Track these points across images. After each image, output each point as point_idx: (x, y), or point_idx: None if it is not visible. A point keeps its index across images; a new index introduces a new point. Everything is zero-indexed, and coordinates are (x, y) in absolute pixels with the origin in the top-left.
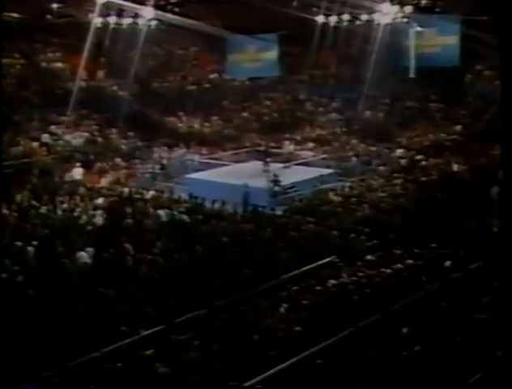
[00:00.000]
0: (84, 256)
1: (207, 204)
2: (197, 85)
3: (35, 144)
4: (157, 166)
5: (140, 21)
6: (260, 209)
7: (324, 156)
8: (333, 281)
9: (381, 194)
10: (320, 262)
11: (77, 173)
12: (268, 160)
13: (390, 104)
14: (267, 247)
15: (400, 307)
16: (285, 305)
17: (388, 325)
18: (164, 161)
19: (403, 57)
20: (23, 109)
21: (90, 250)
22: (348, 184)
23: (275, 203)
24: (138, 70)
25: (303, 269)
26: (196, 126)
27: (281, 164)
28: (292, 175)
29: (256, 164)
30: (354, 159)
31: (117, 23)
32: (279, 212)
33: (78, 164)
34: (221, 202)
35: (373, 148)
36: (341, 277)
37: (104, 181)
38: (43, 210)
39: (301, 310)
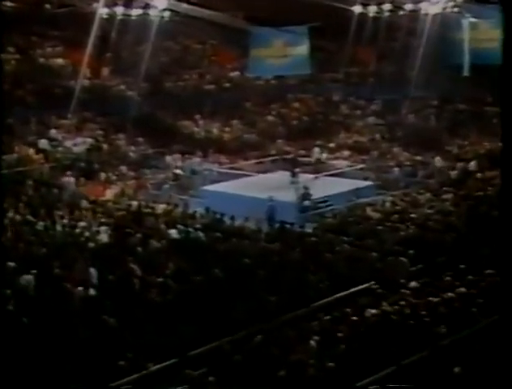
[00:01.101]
0: (86, 278)
1: (227, 220)
2: (215, 84)
3: (31, 151)
4: (170, 176)
5: (151, 12)
6: (287, 226)
7: (361, 166)
8: (372, 311)
9: (428, 211)
10: (356, 289)
11: (78, 183)
12: (297, 170)
13: (439, 106)
14: (296, 270)
15: (450, 343)
16: (316, 337)
17: (436, 363)
18: (178, 171)
19: (455, 53)
20: (17, 111)
21: (93, 271)
22: (389, 198)
23: (304, 220)
24: (149, 67)
25: (337, 296)
26: (214, 130)
27: (312, 175)
28: (325, 187)
29: (283, 175)
30: (396, 170)
31: (124, 14)
32: (309, 230)
33: (80, 173)
34: (243, 217)
35: (419, 158)
36: (381, 306)
37: (109, 194)
38: (39, 226)
39: (335, 344)
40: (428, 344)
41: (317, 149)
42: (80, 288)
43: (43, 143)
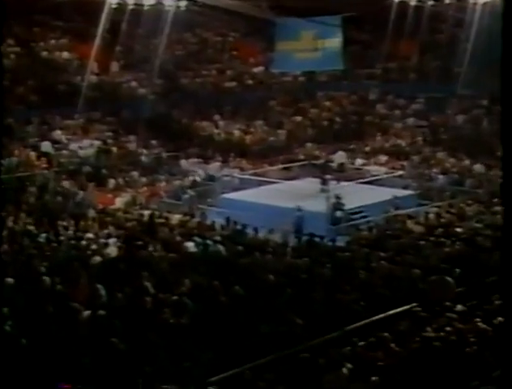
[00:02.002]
0: (92, 296)
1: (249, 232)
2: (237, 81)
3: (32, 154)
4: (186, 183)
5: (166, 1)
6: (317, 239)
7: (400, 172)
8: (413, 336)
9: (477, 225)
10: (395, 311)
11: (85, 191)
12: (328, 176)
13: (490, 107)
14: (326, 289)
15: (502, 374)
16: (349, 364)
17: None
18: (195, 177)
19: None
20: (18, 110)
21: (100, 288)
22: (433, 210)
23: (336, 232)
24: (163, 61)
25: (373, 319)
26: (236, 132)
27: (344, 183)
28: (359, 197)
29: (312, 183)
30: (440, 177)
31: (136, 4)
32: (341, 244)
33: (86, 179)
34: (267, 229)
35: (466, 164)
36: (423, 331)
37: (119, 202)
38: (42, 238)
39: (370, 372)
40: (476, 375)
41: (341, 153)
42: (86, 307)
43: (46, 146)
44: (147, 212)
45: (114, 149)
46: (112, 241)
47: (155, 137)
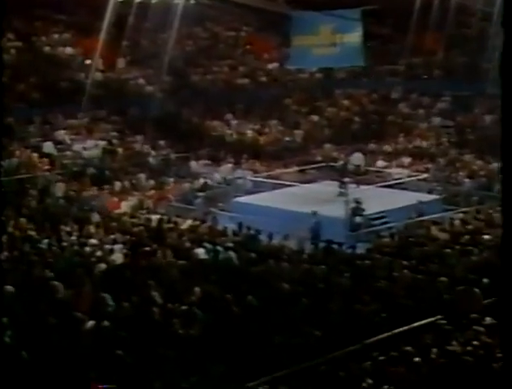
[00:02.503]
0: (97, 306)
1: (263, 238)
2: (250, 78)
3: (34, 155)
4: (196, 186)
5: None
6: (335, 246)
7: (425, 175)
8: (437, 350)
9: None
10: (419, 324)
11: (89, 194)
12: (346, 179)
13: None
14: (345, 299)
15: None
16: (369, 380)
17: None
18: (206, 180)
19: None
20: (18, 109)
21: (105, 297)
22: (459, 216)
23: (355, 239)
24: (173, 57)
25: (395, 331)
26: (249, 132)
27: (364, 186)
28: (380, 201)
29: (330, 186)
30: (467, 181)
31: None
32: (361, 251)
33: (90, 182)
34: (282, 235)
35: (495, 167)
36: (449, 345)
37: (125, 206)
38: (43, 243)
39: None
40: None
41: (358, 154)
42: (90, 318)
43: (48, 147)
44: (154, 217)
45: (120, 150)
46: (117, 247)
47: (164, 137)
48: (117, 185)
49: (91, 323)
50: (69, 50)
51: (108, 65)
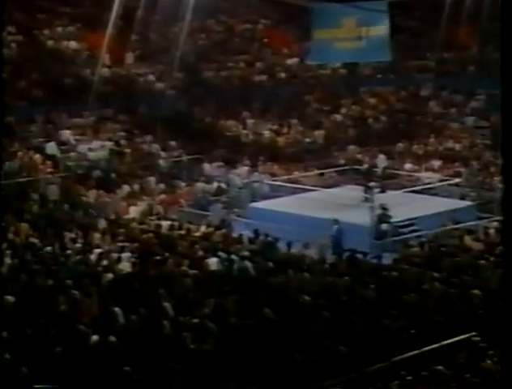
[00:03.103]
0: (103, 319)
1: (282, 247)
2: (268, 74)
3: (36, 157)
4: (210, 190)
5: None
6: (359, 256)
7: (457, 180)
8: (471, 369)
9: None
10: (451, 341)
11: (95, 198)
12: (372, 184)
13: None
14: (370, 313)
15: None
16: None
17: None
18: (220, 184)
19: None
20: (20, 107)
21: (112, 309)
22: (494, 224)
23: (381, 248)
24: (184, 52)
25: (424, 349)
26: (266, 133)
27: (391, 191)
28: (408, 207)
29: (354, 191)
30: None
31: None
32: (387, 262)
33: (97, 185)
34: (302, 244)
35: None
36: (484, 364)
37: (133, 211)
38: (46, 251)
39: None
40: None
41: (382, 156)
42: (95, 331)
43: (51, 148)
44: (165, 223)
45: (128, 151)
46: (125, 255)
47: (175, 137)
48: (125, 189)
49: (96, 337)
50: (73, 44)
51: (116, 60)
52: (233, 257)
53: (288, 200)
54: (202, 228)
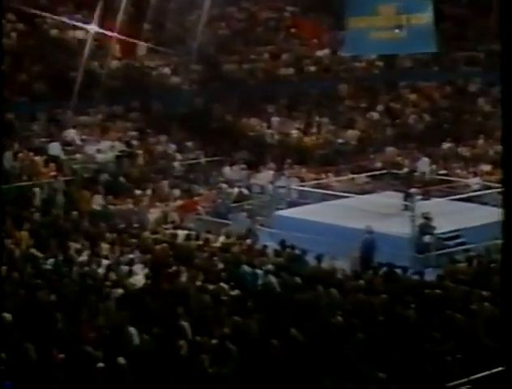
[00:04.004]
0: (112, 339)
1: (310, 260)
2: (295, 68)
3: (38, 159)
4: (231, 196)
5: None
6: (398, 271)
7: None
8: None
9: None
10: (502, 368)
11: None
12: (412, 190)
13: None
14: (410, 335)
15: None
16: None
17: None
18: (242, 189)
19: None
20: (20, 103)
21: (122, 328)
22: None
23: (423, 263)
24: (203, 43)
25: (472, 378)
26: (294, 132)
27: (435, 199)
28: (454, 217)
29: (392, 197)
30: None
31: None
32: (430, 278)
33: (105, 190)
34: (333, 256)
35: None
36: None
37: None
38: (48, 264)
39: None
40: None
41: (425, 159)
42: (104, 353)
43: (55, 149)
44: (181, 232)
45: (140, 153)
46: (137, 268)
47: (192, 137)
48: (137, 194)
49: (106, 360)
50: (80, 34)
51: (127, 51)
52: (257, 271)
53: (318, 208)
54: (222, 239)
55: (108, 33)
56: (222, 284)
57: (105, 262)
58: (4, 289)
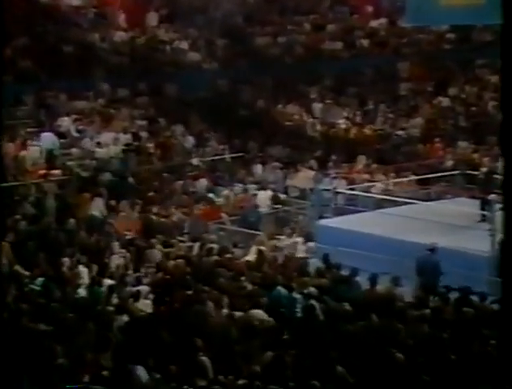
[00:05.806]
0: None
1: (362, 281)
2: (344, 41)
3: (26, 153)
4: (262, 200)
5: None
6: (474, 298)
7: None
8: None
9: None
10: None
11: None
12: (492, 196)
13: None
14: (491, 377)
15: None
16: None
17: None
18: (276, 192)
19: None
20: (3, 84)
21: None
22: None
23: None
24: (228, 11)
25: None
26: (341, 122)
27: None
28: None
29: (466, 205)
30: None
31: None
32: None
33: (108, 193)
34: (391, 278)
35: None
36: None
37: None
38: (36, 284)
39: None
40: None
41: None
42: None
43: (46, 141)
44: (199, 245)
45: (150, 146)
46: (145, 289)
47: (214, 128)
48: (147, 196)
49: None
50: (76, 1)
51: (134, 21)
52: (295, 294)
53: (372, 216)
54: (252, 254)
55: None
56: (251, 311)
57: (107, 281)
58: None
